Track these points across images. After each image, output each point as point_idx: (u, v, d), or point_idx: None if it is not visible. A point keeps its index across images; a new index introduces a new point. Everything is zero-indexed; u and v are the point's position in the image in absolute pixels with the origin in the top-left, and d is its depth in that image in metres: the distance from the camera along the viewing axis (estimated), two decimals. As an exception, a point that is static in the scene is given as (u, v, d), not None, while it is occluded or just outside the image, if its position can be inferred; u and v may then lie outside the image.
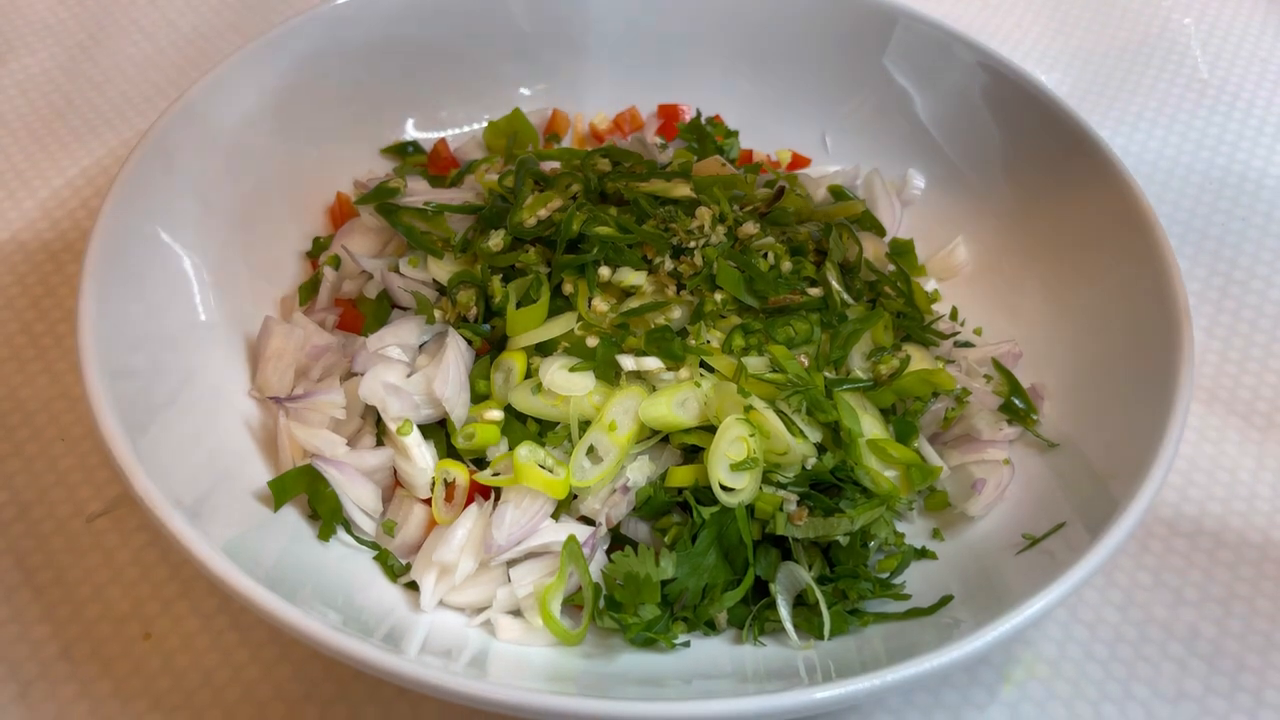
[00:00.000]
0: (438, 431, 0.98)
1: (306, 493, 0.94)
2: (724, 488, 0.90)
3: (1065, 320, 1.09)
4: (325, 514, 0.93)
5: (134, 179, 1.02)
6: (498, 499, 0.93)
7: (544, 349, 0.99)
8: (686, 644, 0.89)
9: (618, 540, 0.94)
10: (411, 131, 1.27)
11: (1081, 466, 0.98)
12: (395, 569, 0.94)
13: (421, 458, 0.95)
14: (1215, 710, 0.93)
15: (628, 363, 0.96)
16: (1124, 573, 1.02)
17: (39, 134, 1.35)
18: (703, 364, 0.97)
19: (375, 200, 1.10)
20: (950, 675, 0.93)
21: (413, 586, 0.92)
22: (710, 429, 0.93)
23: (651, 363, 0.96)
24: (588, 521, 0.94)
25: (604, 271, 1.00)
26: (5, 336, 1.13)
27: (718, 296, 0.99)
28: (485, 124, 1.28)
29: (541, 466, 0.92)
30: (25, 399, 1.08)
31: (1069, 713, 0.93)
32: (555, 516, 0.93)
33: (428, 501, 0.95)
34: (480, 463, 0.96)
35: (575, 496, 0.94)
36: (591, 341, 0.97)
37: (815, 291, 1.02)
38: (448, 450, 0.97)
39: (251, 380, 1.03)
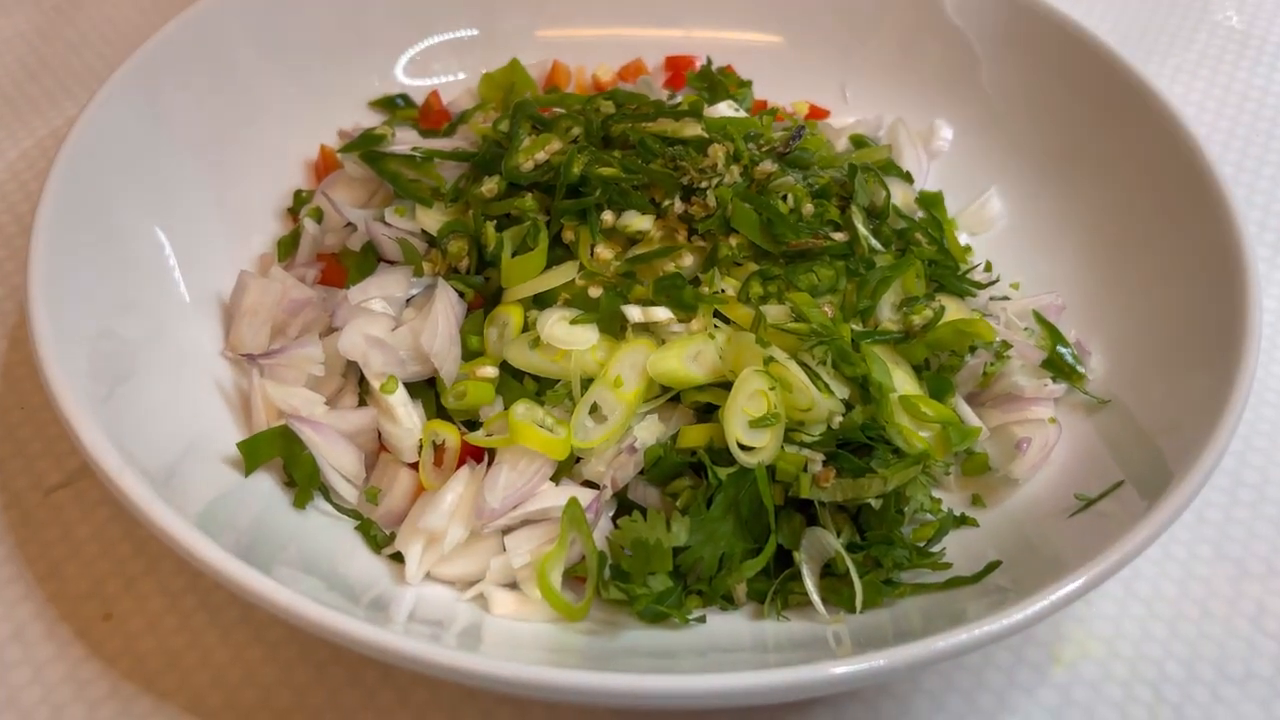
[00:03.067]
0: (426, 391, 0.90)
1: (281, 456, 0.86)
2: (742, 446, 0.82)
3: (1113, 271, 1.01)
4: (301, 479, 0.86)
5: (94, 127, 0.96)
6: (491, 462, 0.85)
7: (542, 301, 0.91)
8: (702, 619, 0.80)
9: (625, 506, 0.86)
10: (402, 79, 1.19)
11: (1133, 427, 0.91)
12: (379, 540, 0.86)
13: (407, 418, 0.87)
14: (1289, 692, 0.84)
15: (634, 314, 0.88)
16: (1181, 545, 0.93)
17: (10, 95, 1.29)
18: (717, 314, 0.89)
19: (360, 148, 1.03)
20: (995, 653, 0.84)
21: (398, 559, 0.84)
22: (725, 385, 0.85)
23: (660, 313, 0.88)
24: (591, 486, 0.85)
25: (607, 216, 0.91)
26: (-35, 301, 1.06)
27: (733, 241, 0.90)
28: (481, 76, 1.19)
29: (540, 426, 0.83)
30: (-17, 365, 1.01)
31: (1126, 694, 0.84)
32: (555, 481, 0.85)
33: (414, 466, 0.87)
34: (472, 425, 0.88)
35: (578, 460, 0.86)
36: (594, 292, 0.90)
37: (840, 236, 0.93)
38: (437, 410, 0.89)
39: (225, 341, 0.95)
